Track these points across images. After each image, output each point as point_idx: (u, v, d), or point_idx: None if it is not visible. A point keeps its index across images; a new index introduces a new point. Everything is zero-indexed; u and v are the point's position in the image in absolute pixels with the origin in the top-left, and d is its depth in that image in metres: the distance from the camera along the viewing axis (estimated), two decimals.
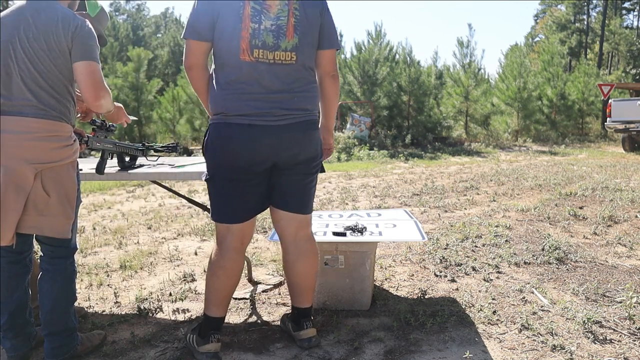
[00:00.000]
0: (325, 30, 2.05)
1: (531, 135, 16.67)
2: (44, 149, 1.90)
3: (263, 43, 1.91)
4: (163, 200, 6.30)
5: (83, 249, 3.95)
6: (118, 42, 23.05)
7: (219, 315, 2.12)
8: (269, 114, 1.95)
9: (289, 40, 1.94)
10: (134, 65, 15.03)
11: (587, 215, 4.57)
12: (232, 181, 2.00)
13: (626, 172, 7.61)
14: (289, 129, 1.98)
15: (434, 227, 4.33)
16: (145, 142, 2.88)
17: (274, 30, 1.92)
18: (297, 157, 2.04)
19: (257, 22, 1.90)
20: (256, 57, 1.92)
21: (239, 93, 1.93)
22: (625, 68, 33.95)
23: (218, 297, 2.10)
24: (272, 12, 1.92)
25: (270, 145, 1.96)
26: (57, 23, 1.90)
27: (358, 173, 8.60)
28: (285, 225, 2.16)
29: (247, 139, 1.93)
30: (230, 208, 2.04)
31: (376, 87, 15.21)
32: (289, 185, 2.09)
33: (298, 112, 2.00)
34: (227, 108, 1.95)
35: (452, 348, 2.15)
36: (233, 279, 2.10)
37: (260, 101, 1.94)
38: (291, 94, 1.98)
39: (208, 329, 2.10)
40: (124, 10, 48.80)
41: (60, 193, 1.96)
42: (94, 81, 1.92)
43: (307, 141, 2.04)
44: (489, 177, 7.42)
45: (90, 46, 1.94)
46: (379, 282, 3.00)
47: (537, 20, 46.87)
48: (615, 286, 2.84)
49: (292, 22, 1.94)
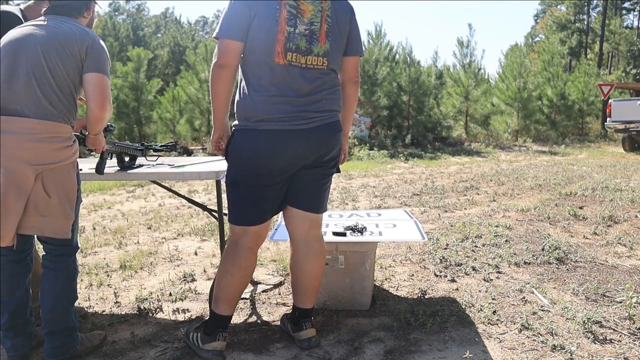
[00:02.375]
0: (353, 37, 2.07)
1: (531, 135, 16.66)
2: (45, 150, 1.91)
3: (297, 47, 1.92)
4: (163, 200, 6.29)
5: (83, 249, 3.95)
6: (118, 42, 23.01)
7: (227, 313, 2.12)
8: (298, 117, 1.95)
9: (321, 46, 1.95)
10: (134, 65, 15.01)
11: (587, 215, 4.57)
12: (256, 187, 2.01)
13: (626, 172, 7.61)
14: (318, 131, 1.99)
15: (434, 227, 4.33)
16: (144, 142, 2.88)
17: (308, 35, 1.93)
18: (323, 157, 2.06)
19: (293, 26, 1.91)
20: (289, 61, 1.92)
21: (270, 96, 1.92)
22: (625, 68, 33.93)
23: (229, 295, 2.11)
24: (305, 17, 1.92)
25: (301, 149, 1.97)
26: (75, 33, 1.97)
27: (358, 173, 8.59)
28: (298, 223, 2.17)
29: (278, 146, 1.94)
30: (250, 212, 2.05)
31: (376, 87, 15.20)
32: (307, 184, 2.10)
33: (325, 114, 2.01)
34: (257, 111, 1.93)
35: (452, 348, 2.15)
36: (246, 278, 2.13)
37: (290, 104, 1.94)
38: (320, 96, 1.99)
39: (215, 327, 2.10)
40: (123, 10, 48.79)
41: (61, 194, 1.96)
42: (102, 94, 1.96)
43: (334, 141, 2.06)
44: (489, 177, 7.42)
45: (104, 60, 2.00)
46: (379, 282, 3.00)
47: (537, 20, 46.87)
48: (615, 286, 2.84)
49: (325, 29, 1.96)
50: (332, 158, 2.10)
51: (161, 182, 2.94)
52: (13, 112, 1.88)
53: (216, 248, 3.88)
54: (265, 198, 2.04)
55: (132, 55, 15.33)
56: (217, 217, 2.65)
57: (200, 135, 14.88)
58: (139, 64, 15.04)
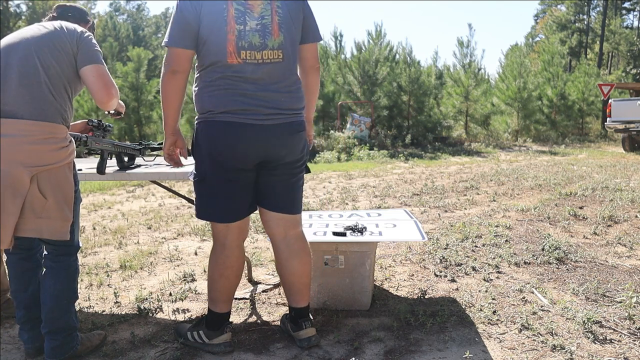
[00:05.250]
0: (308, 25, 2.07)
1: (531, 135, 16.66)
2: (40, 152, 1.90)
3: (250, 44, 1.91)
4: (163, 200, 6.30)
5: (83, 249, 3.95)
6: (118, 42, 23.04)
7: (228, 310, 2.19)
8: (256, 112, 1.93)
9: (275, 39, 1.94)
10: (134, 65, 15.03)
11: (587, 215, 4.57)
12: (225, 180, 2.00)
13: (626, 172, 7.61)
14: (277, 130, 1.97)
15: (434, 227, 4.33)
16: (142, 141, 2.88)
17: (260, 29, 1.92)
18: (284, 158, 2.04)
19: (242, 23, 1.90)
20: (243, 59, 1.91)
21: (225, 89, 1.92)
22: (626, 68, 33.95)
23: (227, 294, 2.16)
24: (255, 12, 1.92)
25: (257, 144, 1.96)
26: (63, 29, 2.01)
27: (358, 173, 8.59)
28: (273, 225, 2.16)
29: (233, 137, 1.93)
30: (226, 207, 2.04)
31: (376, 87, 15.20)
32: (274, 185, 2.09)
33: (286, 112, 1.99)
34: (213, 105, 1.93)
35: (452, 348, 2.15)
36: (239, 275, 2.17)
37: (247, 97, 1.92)
38: (279, 93, 1.97)
39: (219, 322, 2.15)
40: (124, 10, 48.83)
41: (58, 195, 1.96)
42: (104, 82, 1.99)
43: (294, 143, 2.04)
44: (489, 177, 7.42)
45: (95, 51, 2.03)
46: (379, 282, 3.00)
47: (537, 20, 46.89)
48: (615, 286, 2.84)
49: (277, 20, 1.95)
50: (296, 160, 2.08)
51: (161, 182, 2.94)
52: (7, 114, 1.88)
53: None
54: (236, 192, 2.03)
55: (132, 55, 15.35)
56: None
57: None
58: (139, 64, 15.06)
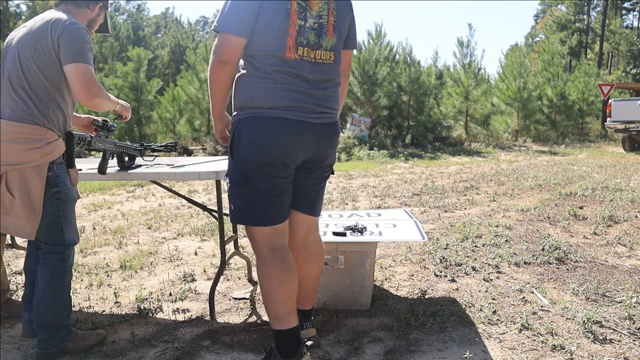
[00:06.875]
0: (352, 31, 2.05)
1: (531, 135, 16.66)
2: (10, 151, 1.95)
3: (307, 41, 1.85)
4: (163, 200, 6.30)
5: (83, 249, 3.95)
6: (118, 42, 23.04)
7: (296, 323, 1.93)
8: (309, 109, 1.87)
9: (329, 40, 1.90)
10: (134, 65, 15.02)
11: (587, 215, 4.57)
12: (273, 178, 1.87)
13: (626, 172, 7.61)
14: (326, 129, 1.95)
15: (434, 227, 4.33)
16: (143, 142, 2.88)
17: (317, 28, 1.87)
18: (327, 159, 2.03)
19: (303, 19, 1.84)
20: (300, 55, 1.84)
21: (282, 83, 1.82)
22: (626, 68, 33.96)
23: (291, 303, 1.92)
24: (314, 10, 1.87)
25: (311, 142, 1.90)
26: (48, 25, 1.97)
27: (358, 173, 8.59)
28: (297, 226, 2.10)
29: (288, 134, 1.84)
30: (274, 208, 1.91)
31: (376, 87, 15.20)
32: (307, 186, 2.05)
33: (331, 112, 1.97)
34: (268, 97, 1.81)
35: (452, 348, 2.15)
36: (297, 278, 1.98)
37: (302, 94, 1.85)
38: (327, 92, 1.94)
39: (292, 344, 1.89)
40: (124, 10, 48.80)
41: (23, 195, 1.98)
42: (84, 82, 1.95)
43: (334, 143, 2.03)
44: (489, 177, 7.42)
45: (79, 48, 1.96)
46: (379, 282, 3.00)
47: (537, 20, 46.88)
48: (615, 286, 2.84)
49: (332, 21, 1.91)
50: (332, 162, 2.09)
51: (161, 182, 2.94)
52: None
53: (216, 248, 3.88)
54: (283, 191, 1.92)
55: (132, 55, 15.34)
56: (217, 217, 2.65)
57: (200, 135, 14.87)
58: (139, 64, 15.05)
